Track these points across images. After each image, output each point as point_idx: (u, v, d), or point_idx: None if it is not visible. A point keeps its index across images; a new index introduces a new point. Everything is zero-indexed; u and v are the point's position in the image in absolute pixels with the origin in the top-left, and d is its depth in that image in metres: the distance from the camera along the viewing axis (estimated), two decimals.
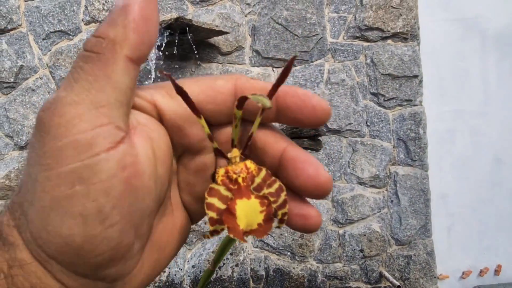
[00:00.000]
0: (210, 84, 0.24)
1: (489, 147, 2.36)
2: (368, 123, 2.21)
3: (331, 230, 2.20)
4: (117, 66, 0.20)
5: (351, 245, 2.19)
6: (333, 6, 2.16)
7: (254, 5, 2.10)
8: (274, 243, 2.15)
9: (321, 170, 0.23)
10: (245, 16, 2.10)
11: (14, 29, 1.98)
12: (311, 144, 1.85)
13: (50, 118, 0.19)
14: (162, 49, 1.78)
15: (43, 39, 2.00)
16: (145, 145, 0.22)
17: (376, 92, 2.20)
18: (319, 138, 1.94)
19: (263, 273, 2.14)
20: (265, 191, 0.24)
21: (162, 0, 2.04)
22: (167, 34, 1.73)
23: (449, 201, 2.35)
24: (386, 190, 2.24)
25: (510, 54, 2.35)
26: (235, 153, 0.24)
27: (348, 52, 2.18)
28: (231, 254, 2.12)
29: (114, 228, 0.20)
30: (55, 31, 2.00)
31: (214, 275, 2.10)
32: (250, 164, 0.24)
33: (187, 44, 1.98)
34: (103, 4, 2.02)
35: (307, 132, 1.84)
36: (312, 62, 2.16)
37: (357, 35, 2.18)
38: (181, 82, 0.23)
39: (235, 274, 2.11)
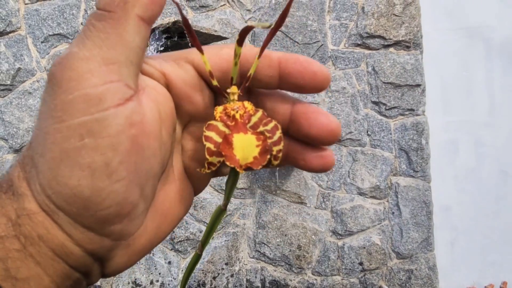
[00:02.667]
0: (216, 52, 0.25)
1: (494, 159, 2.30)
2: (369, 132, 2.16)
3: (330, 241, 2.14)
4: (128, 25, 0.21)
5: (350, 257, 2.13)
6: (334, 13, 2.14)
7: (254, 11, 2.08)
8: (270, 253, 2.09)
9: (331, 118, 0.25)
10: (245, 22, 2.08)
11: (13, 31, 1.98)
12: None
13: (61, 72, 0.20)
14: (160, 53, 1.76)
15: (42, 42, 1.99)
16: (152, 107, 0.23)
17: (377, 100, 2.16)
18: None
19: (259, 284, 2.08)
20: (261, 128, 0.25)
21: None
22: (165, 37, 1.71)
23: (452, 214, 2.29)
24: (387, 201, 2.18)
25: None
26: (233, 89, 0.25)
27: (349, 60, 2.15)
28: (226, 264, 2.07)
29: (121, 183, 0.21)
30: (54, 34, 1.99)
31: (209, 285, 2.04)
32: (247, 104, 0.26)
33: (185, 48, 1.96)
34: None
35: None
36: None
37: (359, 42, 2.15)
38: (188, 50, 0.25)
39: (230, 285, 2.05)
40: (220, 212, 0.30)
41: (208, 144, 0.24)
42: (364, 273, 2.13)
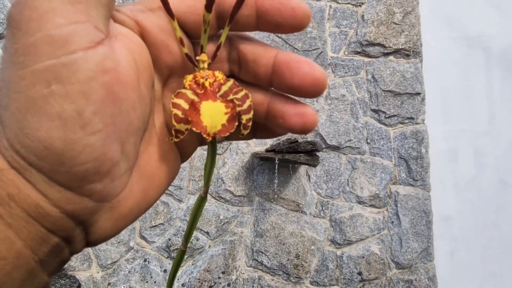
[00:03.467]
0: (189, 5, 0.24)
1: (493, 168, 2.28)
2: (368, 140, 2.15)
3: (328, 251, 2.11)
4: None
5: (349, 267, 2.09)
6: (334, 21, 2.13)
7: None
8: (268, 262, 2.06)
9: (315, 66, 0.24)
10: None
11: None
12: (308, 159, 1.78)
13: (20, 12, 0.18)
14: None
15: None
16: (127, 55, 0.21)
17: (377, 108, 2.15)
18: (316, 153, 1.88)
19: None
20: (231, 97, 0.25)
21: None
22: None
23: (452, 223, 2.26)
24: (386, 210, 2.16)
25: None
26: (203, 57, 0.25)
27: (349, 67, 2.14)
28: (223, 272, 2.03)
29: (97, 136, 0.19)
30: None
31: None
32: (218, 73, 0.25)
33: None
34: None
35: (304, 147, 1.78)
36: None
37: (358, 50, 2.14)
38: None
39: None
40: (201, 200, 0.29)
41: (175, 111, 0.24)
42: (363, 283, 2.09)
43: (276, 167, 1.92)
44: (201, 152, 2.04)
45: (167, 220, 2.04)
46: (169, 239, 2.03)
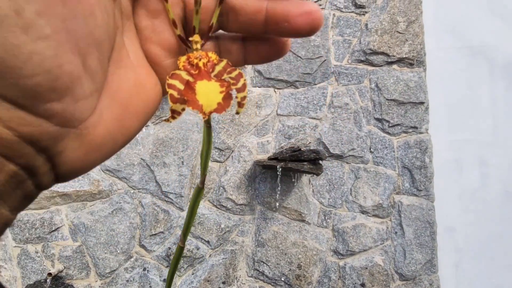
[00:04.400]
0: None
1: (498, 179, 2.26)
2: (371, 149, 2.13)
3: (331, 261, 2.08)
4: None
5: (351, 278, 2.06)
6: (337, 29, 2.13)
7: None
8: (269, 272, 2.02)
9: (308, 3, 0.23)
10: None
11: None
12: (312, 168, 1.76)
13: None
14: None
15: None
16: None
17: (380, 117, 2.13)
18: (320, 162, 1.85)
19: None
20: (225, 76, 0.26)
21: None
22: None
23: (456, 235, 2.23)
24: (390, 220, 2.13)
25: None
26: (196, 38, 0.25)
27: (352, 76, 2.13)
28: (223, 283, 1.99)
29: (46, 44, 0.16)
30: None
31: None
32: (211, 54, 0.26)
33: None
34: None
35: (307, 155, 1.76)
36: (315, 84, 2.10)
37: (362, 59, 2.13)
38: None
39: None
40: (199, 191, 0.29)
41: (171, 91, 0.24)
42: None
43: (279, 176, 1.90)
44: None
45: (168, 228, 2.00)
46: (169, 248, 2.00)
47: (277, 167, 1.81)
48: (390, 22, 2.14)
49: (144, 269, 1.98)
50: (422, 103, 2.14)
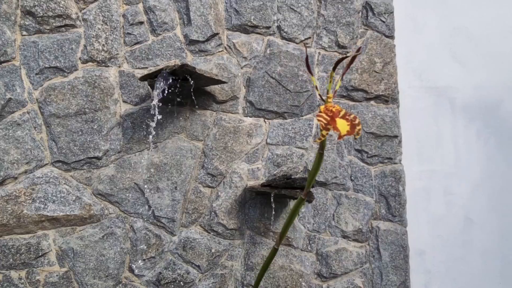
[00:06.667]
0: None
1: (460, 206, 2.51)
2: (352, 177, 2.29)
3: (315, 284, 2.18)
4: None
5: None
6: (322, 66, 2.31)
7: (250, 58, 2.20)
8: None
9: None
10: (241, 68, 2.19)
11: (7, 61, 1.94)
12: None
13: None
14: (165, 93, 1.80)
15: (36, 74, 1.96)
16: None
17: (360, 148, 2.31)
18: (311, 190, 1.98)
19: None
20: (348, 117, 0.83)
21: (162, 47, 2.10)
22: (172, 78, 1.76)
23: (426, 257, 2.43)
24: (368, 244, 2.28)
25: (475, 121, 2.58)
26: (330, 95, 0.90)
27: None
28: None
29: None
30: (50, 67, 1.97)
31: None
32: (337, 106, 0.83)
33: (187, 90, 2.02)
34: (103, 45, 2.04)
35: (300, 183, 1.88)
36: (302, 116, 2.25)
37: (344, 94, 2.33)
38: None
39: None
40: (300, 201, 0.63)
41: (320, 122, 0.74)
42: None
43: (272, 202, 2.00)
44: (195, 185, 2.08)
45: (159, 253, 2.02)
46: (160, 273, 2.01)
47: (271, 194, 1.91)
48: (369, 62, 2.36)
49: None
50: (396, 136, 2.36)
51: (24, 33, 1.97)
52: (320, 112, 0.79)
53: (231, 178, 2.12)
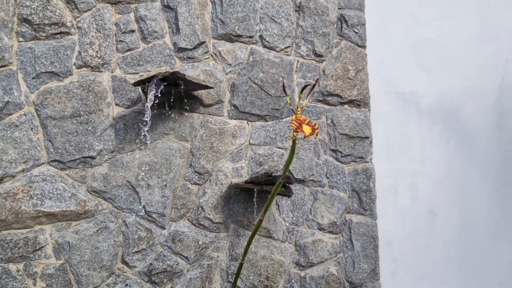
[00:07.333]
0: None
1: (424, 201, 2.77)
2: (327, 175, 2.51)
3: (294, 272, 2.38)
4: None
5: (311, 287, 2.38)
6: (301, 73, 2.52)
7: (234, 65, 2.38)
8: (241, 284, 2.26)
9: None
10: (226, 74, 2.37)
11: (4, 66, 2.04)
12: (284, 190, 2.07)
13: None
14: (157, 98, 1.95)
15: (33, 78, 2.08)
16: None
17: (335, 148, 2.53)
18: (290, 185, 2.18)
19: None
20: (310, 124, 1.46)
21: (152, 54, 2.25)
22: (164, 84, 1.92)
23: (393, 247, 2.67)
24: (342, 236, 2.51)
25: (438, 124, 2.84)
26: (299, 110, 1.52)
27: (312, 113, 2.52)
28: None
29: None
30: (46, 72, 2.09)
31: None
32: (304, 116, 1.47)
33: (176, 94, 2.18)
34: (96, 51, 2.17)
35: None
36: (282, 119, 2.45)
37: (320, 99, 2.54)
38: None
39: None
40: (279, 184, 1.38)
41: (293, 127, 1.43)
42: None
43: (255, 198, 2.18)
44: (183, 183, 2.24)
45: (150, 246, 2.17)
46: (151, 264, 2.17)
47: (254, 190, 2.10)
48: (343, 69, 2.58)
49: (126, 285, 2.12)
50: (367, 137, 2.59)
51: (21, 39, 2.08)
52: (292, 120, 1.44)
53: (216, 176, 2.30)
